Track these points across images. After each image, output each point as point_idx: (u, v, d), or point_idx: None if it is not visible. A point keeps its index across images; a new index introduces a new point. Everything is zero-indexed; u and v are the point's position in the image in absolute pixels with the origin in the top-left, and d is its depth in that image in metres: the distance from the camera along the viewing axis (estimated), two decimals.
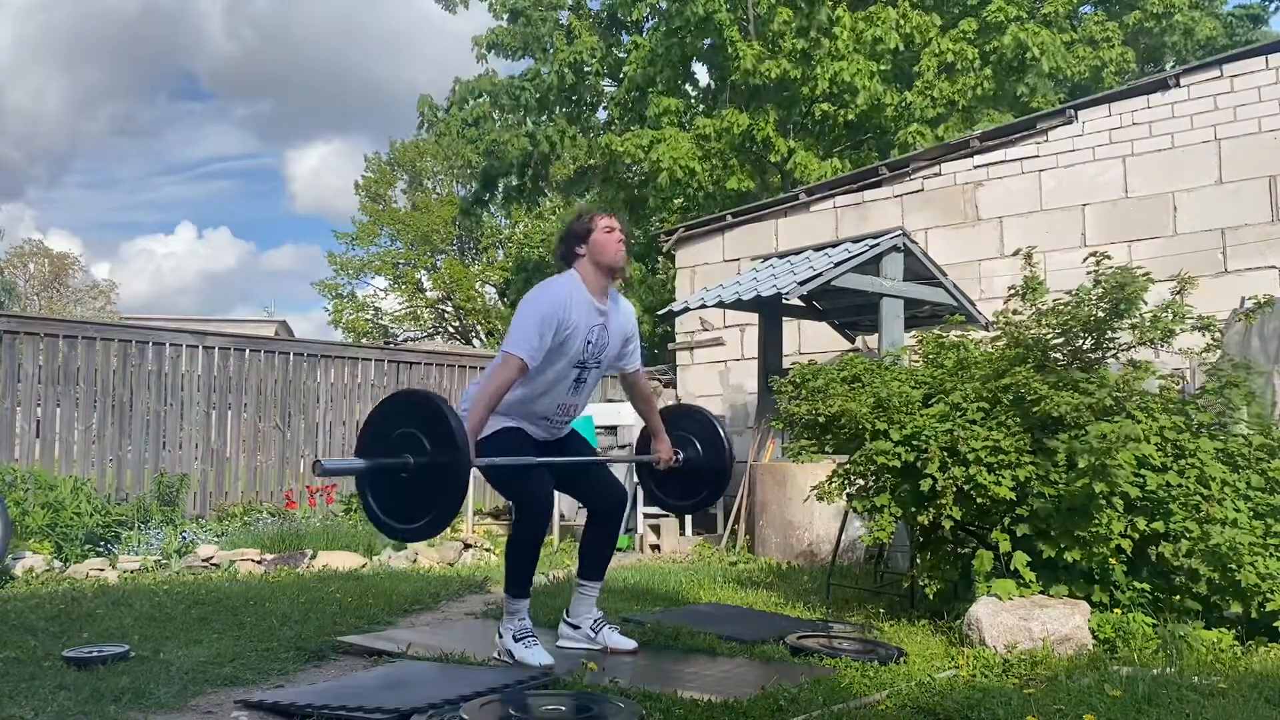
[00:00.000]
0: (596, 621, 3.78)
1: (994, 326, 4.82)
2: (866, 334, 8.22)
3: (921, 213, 9.05)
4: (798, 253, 7.70)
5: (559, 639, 3.83)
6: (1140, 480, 3.76)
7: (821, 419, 4.61)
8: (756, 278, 7.57)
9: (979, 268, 8.64)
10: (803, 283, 6.72)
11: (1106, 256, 4.39)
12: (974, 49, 13.30)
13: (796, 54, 13.50)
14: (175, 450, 8.39)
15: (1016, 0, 13.47)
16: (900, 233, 7.27)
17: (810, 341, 9.16)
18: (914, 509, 4.18)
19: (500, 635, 3.59)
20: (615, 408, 8.80)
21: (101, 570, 6.02)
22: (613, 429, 8.67)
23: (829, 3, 13.55)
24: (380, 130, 64.21)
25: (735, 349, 10.03)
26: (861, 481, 4.54)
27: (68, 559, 6.27)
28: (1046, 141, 8.51)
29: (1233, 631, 3.63)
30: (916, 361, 5.14)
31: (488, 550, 7.28)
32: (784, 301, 7.36)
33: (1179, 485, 3.82)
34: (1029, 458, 3.97)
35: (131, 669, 3.34)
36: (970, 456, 3.97)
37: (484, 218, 24.20)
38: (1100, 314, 4.23)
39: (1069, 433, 3.90)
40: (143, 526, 7.05)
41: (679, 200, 15.30)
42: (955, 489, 3.99)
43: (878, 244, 7.08)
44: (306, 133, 60.00)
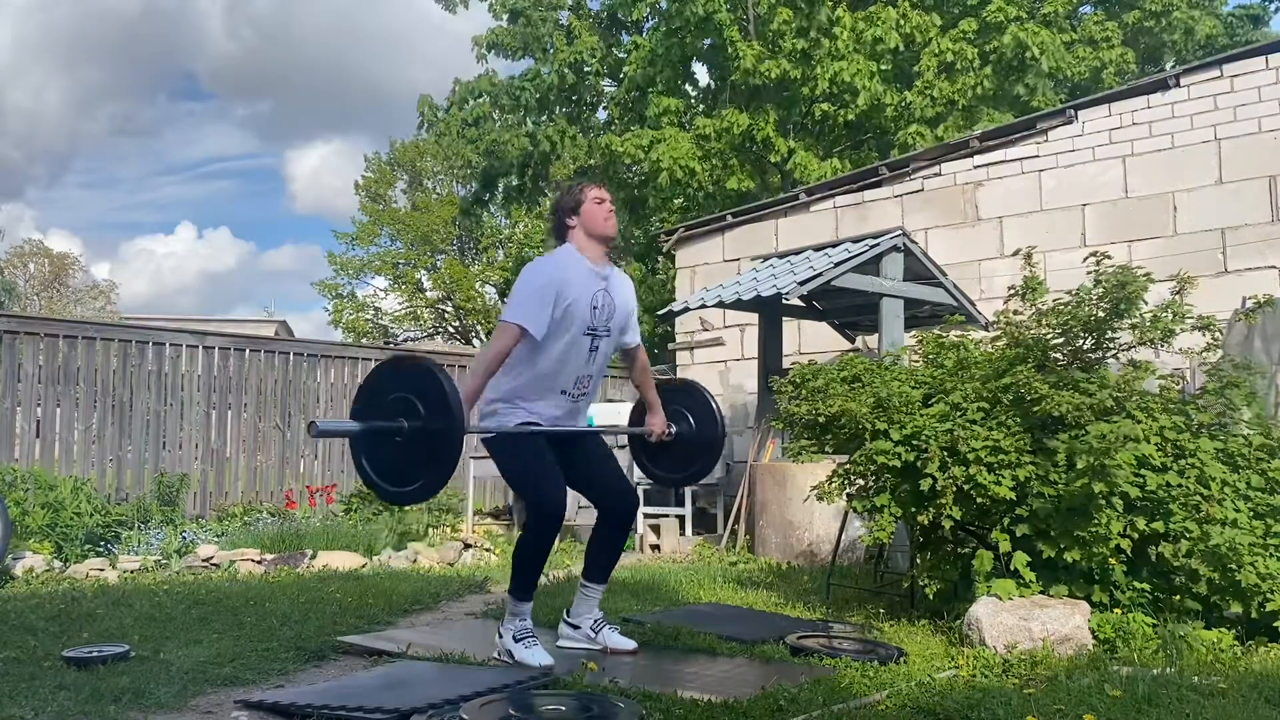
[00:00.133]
0: (597, 622, 3.78)
1: (994, 326, 4.82)
2: (866, 334, 8.22)
3: (921, 213, 9.05)
4: (798, 253, 7.70)
5: (559, 639, 3.83)
6: (1140, 480, 3.76)
7: (821, 419, 4.61)
8: (756, 278, 7.57)
9: (979, 268, 8.63)
10: (803, 283, 6.72)
11: (1107, 256, 4.39)
12: (974, 49, 13.30)
13: (796, 54, 13.50)
14: (175, 450, 8.40)
15: (1016, 0, 13.47)
16: (900, 233, 7.27)
17: (810, 341, 9.16)
18: (914, 509, 4.18)
19: (500, 635, 3.59)
20: (615, 408, 8.79)
21: (101, 570, 6.02)
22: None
23: (829, 3, 13.55)
24: (380, 130, 64.26)
25: (735, 349, 10.03)
26: (861, 481, 4.54)
27: (68, 559, 6.27)
28: (1046, 141, 8.51)
29: (1233, 631, 3.63)
30: (916, 361, 5.14)
31: (488, 550, 7.28)
32: (784, 301, 7.36)
33: (1179, 485, 3.82)
34: (1029, 458, 3.97)
35: (131, 669, 3.34)
36: (970, 456, 3.97)
37: (484, 218, 24.21)
38: (1100, 314, 4.23)
39: (1069, 433, 3.90)
40: (143, 526, 7.05)
41: (679, 200, 15.30)
42: (955, 489, 3.99)
43: (878, 244, 7.08)
44: (306, 133, 60.09)
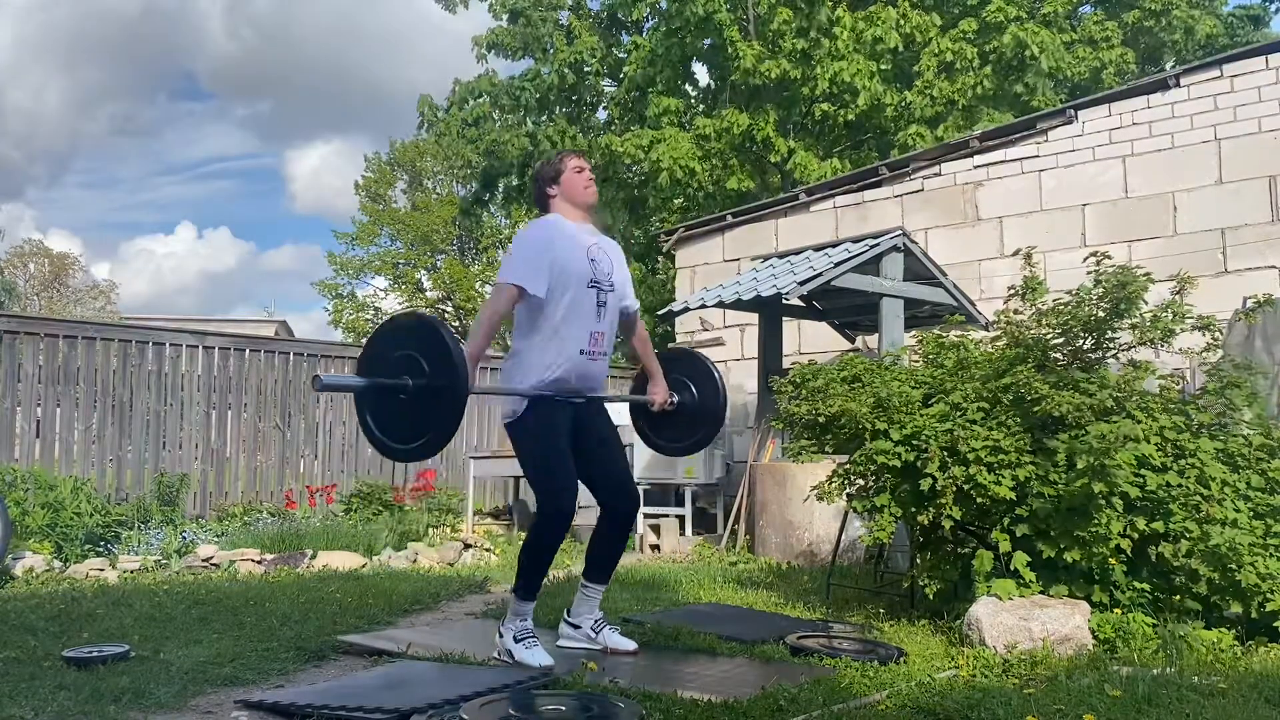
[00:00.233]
0: (597, 622, 3.78)
1: (994, 326, 4.82)
2: (866, 334, 8.22)
3: (921, 213, 9.05)
4: (798, 253, 7.70)
5: (559, 638, 3.83)
6: (1140, 480, 3.76)
7: (821, 419, 4.61)
8: (756, 278, 7.57)
9: (979, 268, 8.63)
10: (803, 283, 6.72)
11: (1107, 256, 4.39)
12: (973, 49, 13.31)
13: (796, 54, 13.50)
14: (175, 450, 8.40)
15: (1016, 0, 13.47)
16: (900, 233, 7.27)
17: (810, 341, 9.16)
18: (914, 509, 4.18)
19: (501, 635, 3.58)
20: (615, 407, 8.78)
21: (101, 570, 6.02)
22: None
23: (829, 3, 13.55)
24: (380, 130, 64.32)
25: (735, 349, 10.03)
26: (861, 481, 4.54)
27: (68, 559, 6.27)
28: (1046, 141, 8.51)
29: (1233, 631, 3.63)
30: (916, 361, 5.14)
31: (488, 550, 7.28)
32: (784, 301, 7.36)
33: (1179, 485, 3.82)
34: (1029, 458, 3.97)
35: (131, 669, 3.34)
36: (970, 456, 3.97)
37: (484, 218, 24.20)
38: (1100, 314, 4.22)
39: (1069, 433, 3.90)
40: (143, 526, 7.05)
41: (679, 200, 15.30)
42: (955, 489, 3.99)
43: (878, 244, 7.08)
44: (306, 133, 60.13)
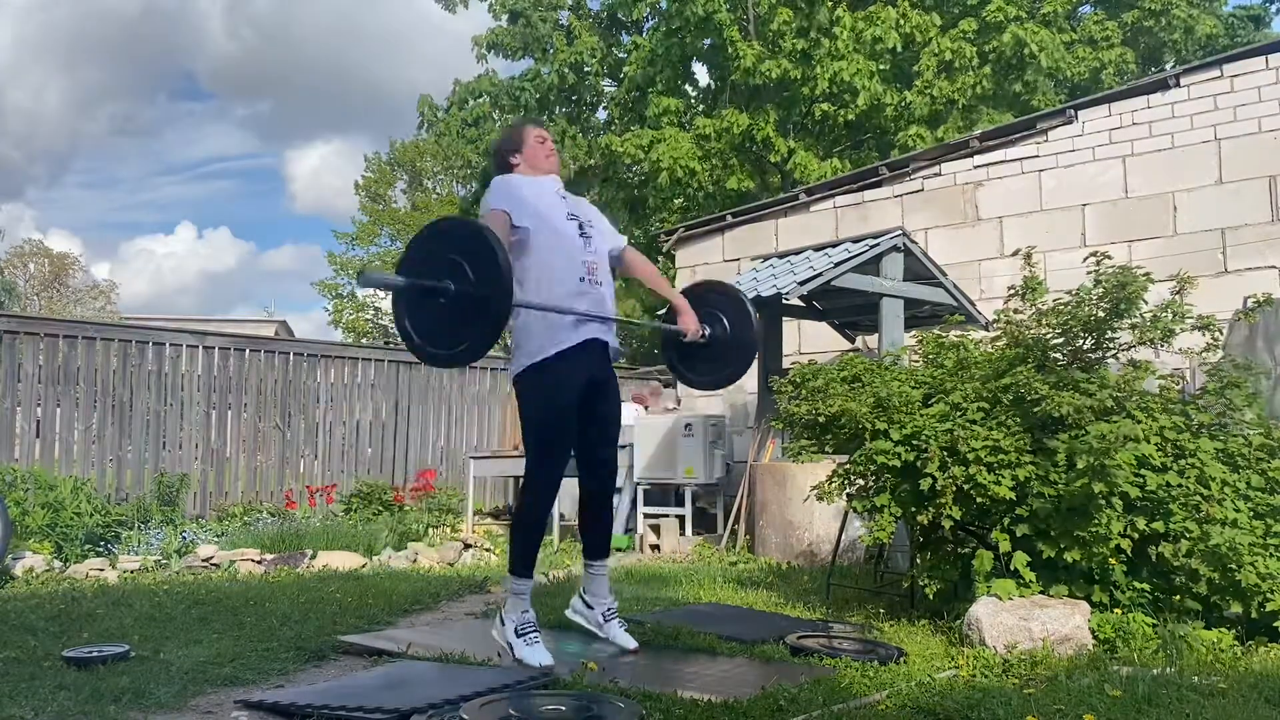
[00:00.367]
0: (609, 611, 3.78)
1: (994, 326, 4.82)
2: (866, 334, 8.22)
3: (921, 213, 9.05)
4: (798, 253, 7.70)
5: (570, 610, 3.85)
6: (1140, 480, 3.76)
7: (821, 419, 4.61)
8: (756, 278, 7.57)
9: (979, 268, 8.63)
10: (803, 283, 6.72)
11: (1107, 256, 4.39)
12: (973, 48, 13.31)
13: (796, 54, 13.50)
14: (175, 450, 8.40)
15: (1016, 0, 13.48)
16: (900, 233, 7.27)
17: (810, 341, 9.16)
18: (914, 509, 4.17)
19: (503, 623, 3.51)
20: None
21: (101, 570, 6.02)
22: None
23: (829, 3, 13.55)
24: (380, 130, 64.30)
25: None
26: (861, 481, 4.54)
27: (68, 559, 6.27)
28: (1046, 141, 8.51)
29: (1233, 631, 3.63)
30: (916, 361, 5.14)
31: (488, 550, 7.28)
32: (784, 301, 7.36)
33: (1179, 485, 3.82)
34: (1029, 458, 3.97)
35: (131, 669, 3.34)
36: (970, 456, 3.96)
37: None
38: (1100, 314, 4.22)
39: (1069, 433, 3.90)
40: (143, 526, 7.06)
41: (679, 200, 15.30)
42: (955, 489, 3.99)
43: (878, 244, 7.08)
44: (306, 133, 60.13)
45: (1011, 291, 4.62)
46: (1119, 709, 2.80)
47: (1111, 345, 4.36)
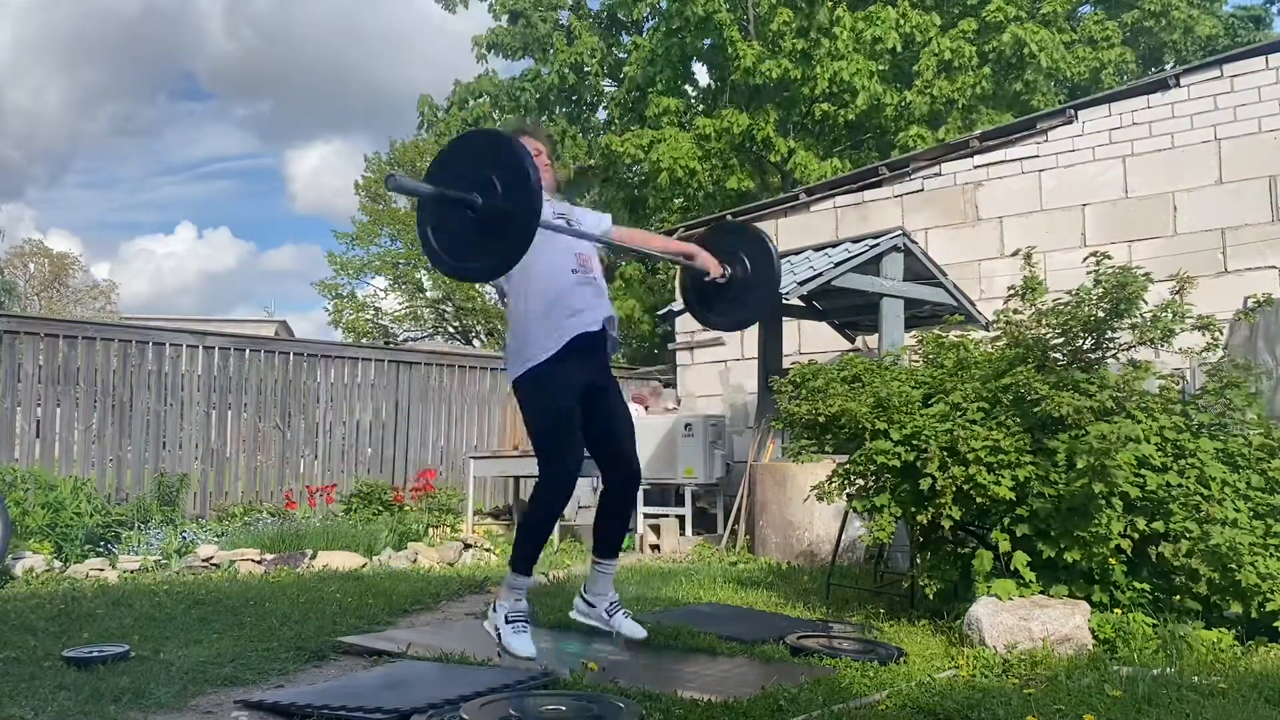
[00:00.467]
0: (613, 604, 3.78)
1: (994, 326, 4.82)
2: (866, 334, 8.22)
3: (921, 213, 9.05)
4: (798, 253, 7.71)
5: (573, 611, 3.84)
6: (1140, 480, 3.76)
7: (821, 419, 4.61)
8: None
9: (979, 268, 8.64)
10: (803, 283, 6.72)
11: (1107, 256, 4.39)
12: (973, 48, 13.32)
13: (796, 54, 13.51)
14: (175, 450, 8.40)
15: (1016, 0, 13.49)
16: (900, 233, 7.27)
17: (810, 341, 9.17)
18: (914, 509, 4.17)
19: (495, 609, 3.54)
20: None
21: (101, 570, 6.02)
22: None
23: (829, 3, 13.55)
24: (380, 130, 64.21)
25: (735, 349, 10.03)
26: (861, 481, 4.54)
27: (68, 559, 6.27)
28: (1046, 141, 8.51)
29: (1233, 631, 3.63)
30: (916, 361, 5.14)
31: (488, 550, 7.28)
32: (784, 302, 7.36)
33: (1179, 485, 3.82)
34: (1029, 458, 3.97)
35: (131, 669, 3.33)
36: (970, 456, 3.96)
37: None
38: (1100, 314, 4.22)
39: (1069, 433, 3.90)
40: (143, 526, 7.05)
41: (679, 200, 15.30)
42: (955, 489, 3.99)
43: (878, 244, 7.09)
44: (306, 133, 60.08)
45: (1011, 291, 4.62)
46: (1119, 709, 2.80)
47: (1111, 345, 4.36)
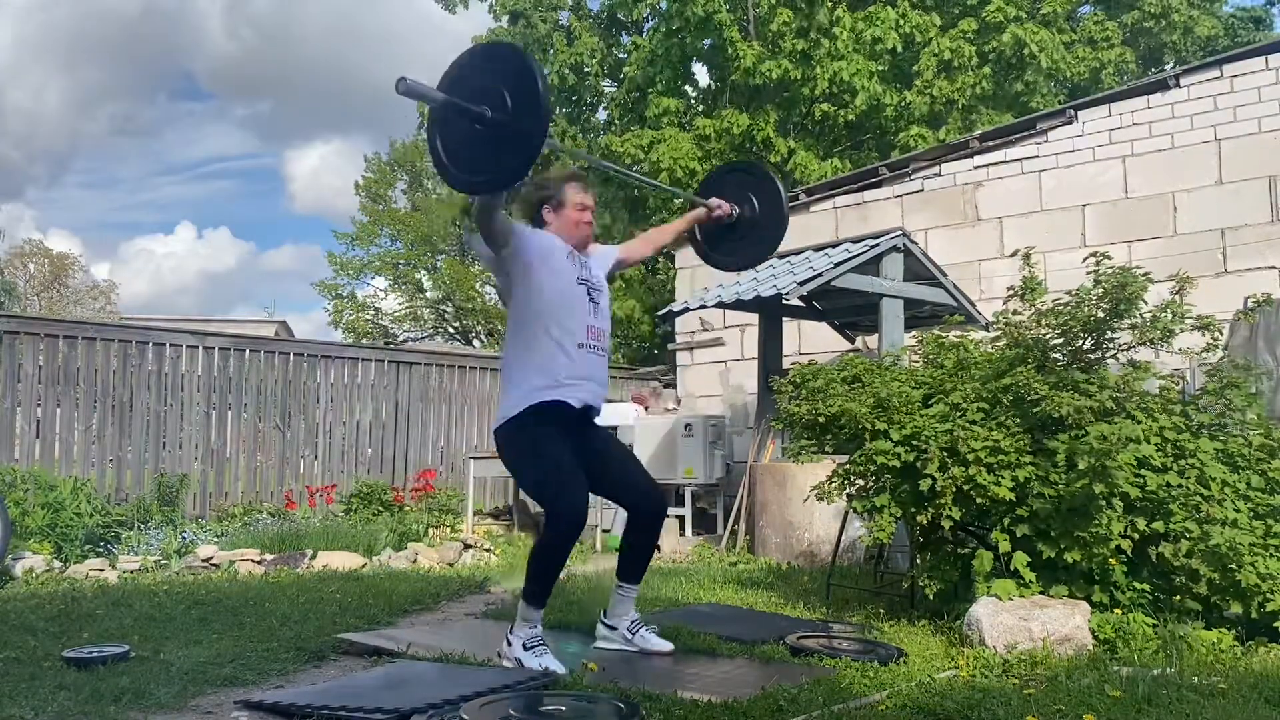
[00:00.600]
0: (634, 623, 3.74)
1: (994, 327, 4.82)
2: (866, 334, 8.22)
3: (921, 213, 9.05)
4: (798, 253, 7.71)
5: (596, 639, 3.79)
6: (1140, 481, 3.76)
7: (821, 419, 4.61)
8: (756, 278, 7.57)
9: (979, 268, 8.64)
10: (803, 283, 6.72)
11: (1106, 256, 4.39)
12: (972, 48, 13.32)
13: (796, 54, 13.51)
14: (175, 450, 8.40)
15: (1015, 0, 13.49)
16: (900, 233, 7.27)
17: (810, 341, 9.17)
18: (914, 509, 4.18)
19: (509, 643, 3.45)
20: (614, 408, 8.80)
21: (101, 570, 6.02)
22: (613, 429, 8.66)
23: (829, 3, 13.56)
24: (380, 130, 64.14)
25: (735, 349, 10.03)
26: (861, 481, 4.54)
27: (68, 559, 6.27)
28: (1046, 142, 8.51)
29: (1233, 631, 3.63)
30: (916, 361, 5.15)
31: (488, 550, 7.28)
32: (784, 302, 7.37)
33: (1179, 485, 3.82)
34: (1029, 458, 3.97)
35: (131, 669, 3.34)
36: (970, 457, 3.96)
37: None
38: (1100, 314, 4.23)
39: (1069, 433, 3.90)
40: (143, 527, 7.05)
41: (679, 201, 15.30)
42: (955, 489, 3.99)
43: (878, 244, 7.09)
44: (306, 133, 60.04)
45: (1011, 292, 4.62)
46: (1119, 709, 2.80)
47: (1111, 345, 4.36)
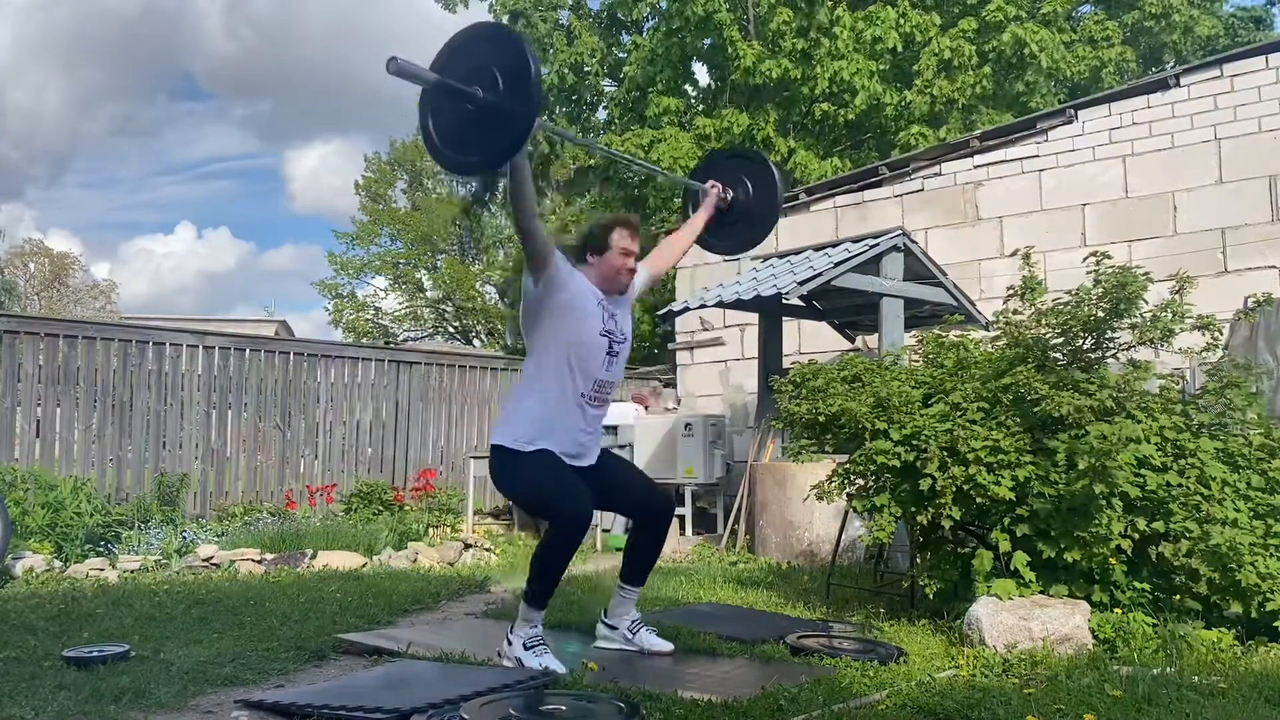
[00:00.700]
0: (634, 623, 3.75)
1: (994, 326, 4.82)
2: (866, 334, 8.22)
3: (921, 213, 9.05)
4: (798, 253, 7.70)
5: (596, 639, 3.80)
6: (1140, 480, 3.76)
7: (821, 419, 4.61)
8: (756, 278, 7.57)
9: (979, 268, 8.64)
10: (803, 283, 6.72)
11: (1106, 256, 4.39)
12: (972, 48, 13.31)
13: (796, 54, 13.50)
14: (175, 450, 8.39)
15: (1016, 0, 13.49)
16: (900, 233, 7.27)
17: (810, 341, 9.16)
18: (914, 509, 4.18)
19: (509, 642, 3.46)
20: (614, 408, 8.79)
21: (101, 570, 6.02)
22: (613, 429, 8.67)
23: (829, 2, 13.55)
24: (380, 130, 64.08)
25: (735, 349, 10.03)
26: (861, 481, 4.54)
27: (68, 559, 6.27)
28: (1046, 141, 8.51)
29: (1233, 631, 3.63)
30: (916, 361, 5.14)
31: (488, 550, 7.28)
32: (784, 301, 7.37)
33: (1179, 485, 3.82)
34: (1029, 458, 3.97)
35: (131, 669, 3.34)
36: (970, 456, 3.96)
37: (484, 218, 24.21)
38: (1100, 314, 4.22)
39: (1069, 433, 3.90)
40: (143, 526, 7.05)
41: (679, 200, 15.29)
42: (955, 489, 3.99)
43: (878, 244, 7.08)
44: (306, 133, 59.95)
45: (1011, 291, 4.62)
46: (1119, 709, 2.80)
47: (1111, 345, 4.36)
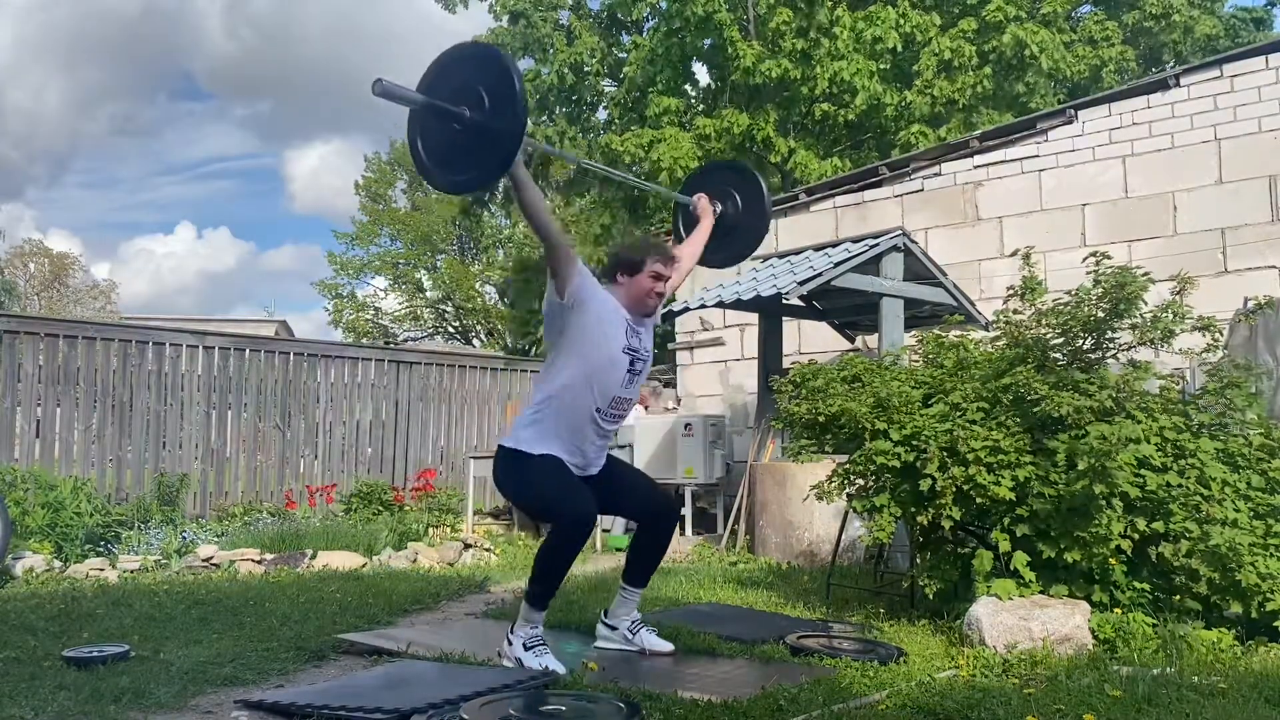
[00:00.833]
0: (635, 623, 3.76)
1: (994, 326, 4.82)
2: (866, 334, 8.22)
3: (921, 213, 9.05)
4: (798, 253, 7.70)
5: (596, 639, 3.81)
6: (1140, 480, 3.76)
7: (821, 419, 4.61)
8: (756, 278, 7.57)
9: (979, 268, 8.63)
10: (803, 283, 6.72)
11: (1106, 256, 4.39)
12: (973, 48, 13.31)
13: (796, 54, 13.50)
14: (175, 450, 8.40)
15: (1016, 0, 13.48)
16: (900, 233, 7.27)
17: (810, 341, 9.16)
18: (914, 509, 4.18)
19: (510, 642, 3.47)
20: None
21: (101, 570, 6.02)
22: None
23: (829, 3, 13.55)
24: (380, 130, 63.85)
25: (735, 349, 10.03)
26: (861, 481, 4.54)
27: (68, 559, 6.27)
28: (1046, 141, 8.51)
29: (1233, 631, 3.63)
30: (916, 361, 5.14)
31: (488, 550, 7.28)
32: (784, 301, 7.37)
33: (1179, 485, 3.82)
34: (1029, 458, 3.97)
35: (131, 669, 3.34)
36: (970, 456, 3.96)
37: (484, 218, 24.20)
38: (1100, 314, 4.22)
39: (1069, 433, 3.90)
40: (143, 526, 7.05)
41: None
42: (955, 489, 3.99)
43: (878, 244, 7.08)
44: (306, 133, 59.98)
45: (1011, 292, 4.62)
46: (1119, 709, 2.80)
47: (1111, 345, 4.36)
